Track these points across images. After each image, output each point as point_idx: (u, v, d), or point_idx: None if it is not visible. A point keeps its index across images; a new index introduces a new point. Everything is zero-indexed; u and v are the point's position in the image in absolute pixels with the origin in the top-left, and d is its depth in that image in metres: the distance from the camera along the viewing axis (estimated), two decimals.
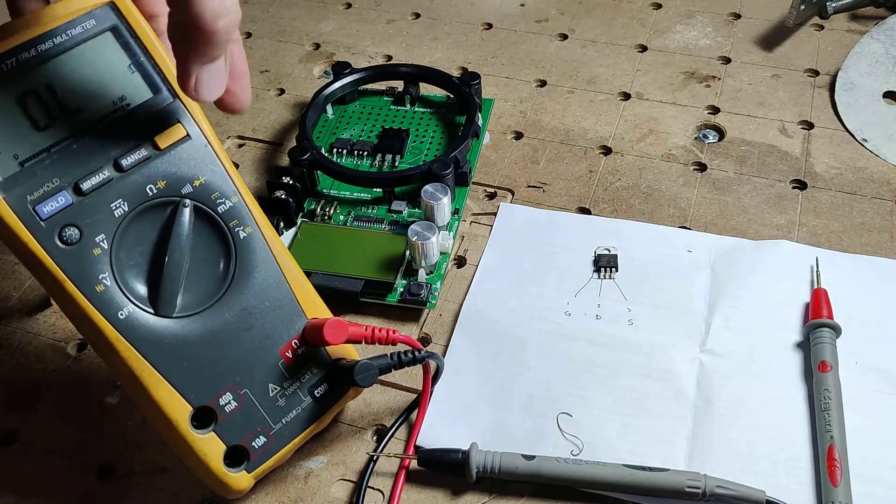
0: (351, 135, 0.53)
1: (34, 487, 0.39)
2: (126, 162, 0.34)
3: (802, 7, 0.57)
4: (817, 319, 0.40)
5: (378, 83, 0.55)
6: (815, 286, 0.43)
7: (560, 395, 0.40)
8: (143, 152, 0.34)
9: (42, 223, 0.32)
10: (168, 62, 0.35)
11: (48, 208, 0.32)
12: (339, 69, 0.54)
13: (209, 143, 0.36)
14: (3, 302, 0.47)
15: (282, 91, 0.59)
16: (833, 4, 0.59)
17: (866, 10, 0.60)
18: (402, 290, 0.44)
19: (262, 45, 0.63)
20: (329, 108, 0.54)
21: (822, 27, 0.59)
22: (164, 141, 0.35)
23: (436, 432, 0.39)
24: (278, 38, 0.63)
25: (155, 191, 0.34)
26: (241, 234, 0.36)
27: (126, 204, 0.34)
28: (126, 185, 0.34)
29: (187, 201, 0.35)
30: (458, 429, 0.39)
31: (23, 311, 0.46)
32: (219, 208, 0.35)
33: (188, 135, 0.35)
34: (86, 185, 0.33)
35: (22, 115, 0.32)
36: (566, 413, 0.40)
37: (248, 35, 0.64)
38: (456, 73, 0.58)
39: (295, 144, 0.49)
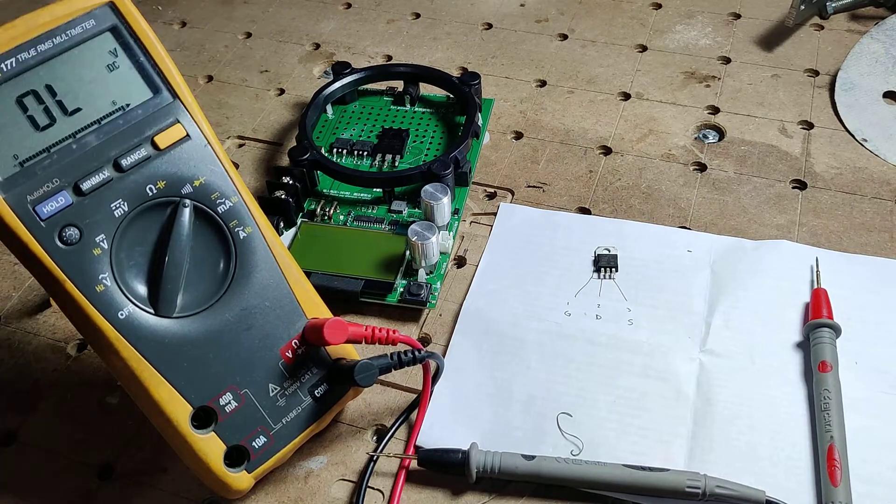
0: (351, 135, 0.53)
1: (34, 487, 0.39)
2: (126, 162, 0.34)
3: (802, 7, 0.57)
4: (817, 319, 0.40)
5: (378, 83, 0.55)
6: (815, 286, 0.43)
7: (560, 395, 0.40)
8: (142, 152, 0.34)
9: (42, 223, 0.32)
10: (168, 62, 0.35)
11: (48, 208, 0.32)
12: (339, 69, 0.54)
13: (209, 143, 0.36)
14: (3, 302, 0.47)
15: (282, 91, 0.59)
16: (833, 4, 0.59)
17: (866, 10, 0.60)
18: (402, 290, 0.44)
19: (262, 45, 0.63)
20: (329, 108, 0.54)
21: (822, 27, 0.59)
22: (163, 141, 0.35)
23: (436, 432, 0.39)
24: (278, 38, 0.63)
25: (155, 191, 0.34)
26: (241, 234, 0.36)
27: (126, 204, 0.34)
28: (126, 185, 0.34)
29: (187, 201, 0.35)
30: (458, 429, 0.39)
31: (23, 311, 0.46)
32: (219, 208, 0.35)
33: (188, 135, 0.35)
34: (86, 185, 0.33)
35: (22, 115, 0.32)
36: (566, 413, 0.39)
37: (248, 35, 0.64)
38: (456, 73, 0.58)
39: (295, 144, 0.49)
